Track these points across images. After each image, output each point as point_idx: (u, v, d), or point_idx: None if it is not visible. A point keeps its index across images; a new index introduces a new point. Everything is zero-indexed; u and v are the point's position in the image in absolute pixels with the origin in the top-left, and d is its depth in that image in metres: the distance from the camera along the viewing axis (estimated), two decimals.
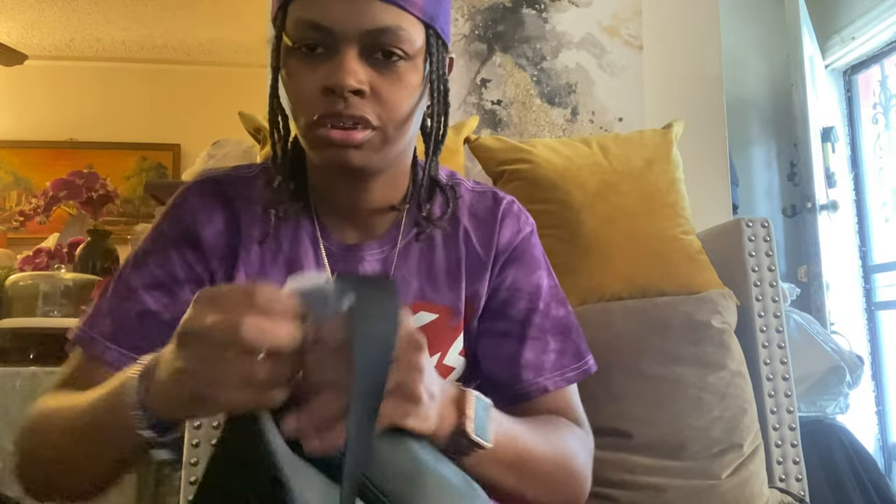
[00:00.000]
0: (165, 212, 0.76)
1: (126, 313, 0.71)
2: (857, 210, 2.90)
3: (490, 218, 0.79)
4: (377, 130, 0.67)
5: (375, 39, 0.64)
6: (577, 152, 1.37)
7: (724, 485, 1.11)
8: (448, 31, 0.73)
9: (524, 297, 0.79)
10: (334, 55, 0.64)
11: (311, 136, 0.67)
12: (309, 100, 0.66)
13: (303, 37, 0.65)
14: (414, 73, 0.68)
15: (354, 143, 0.66)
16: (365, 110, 0.65)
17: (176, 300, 0.72)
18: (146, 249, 0.75)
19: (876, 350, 2.77)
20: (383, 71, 0.66)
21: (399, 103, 0.67)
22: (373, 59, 0.65)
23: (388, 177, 0.74)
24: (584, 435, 0.76)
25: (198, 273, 0.74)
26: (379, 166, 0.70)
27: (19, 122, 4.12)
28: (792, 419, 1.23)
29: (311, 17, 0.64)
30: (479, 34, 1.77)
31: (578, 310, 1.23)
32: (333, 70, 0.63)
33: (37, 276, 1.92)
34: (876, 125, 2.87)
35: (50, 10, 3.65)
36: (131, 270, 0.73)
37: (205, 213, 0.75)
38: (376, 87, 0.65)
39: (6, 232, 3.74)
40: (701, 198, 1.61)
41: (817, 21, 2.79)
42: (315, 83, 0.65)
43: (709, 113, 1.87)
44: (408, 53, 0.66)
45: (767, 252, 1.30)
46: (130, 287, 0.72)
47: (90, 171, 2.15)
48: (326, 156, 0.68)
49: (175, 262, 0.73)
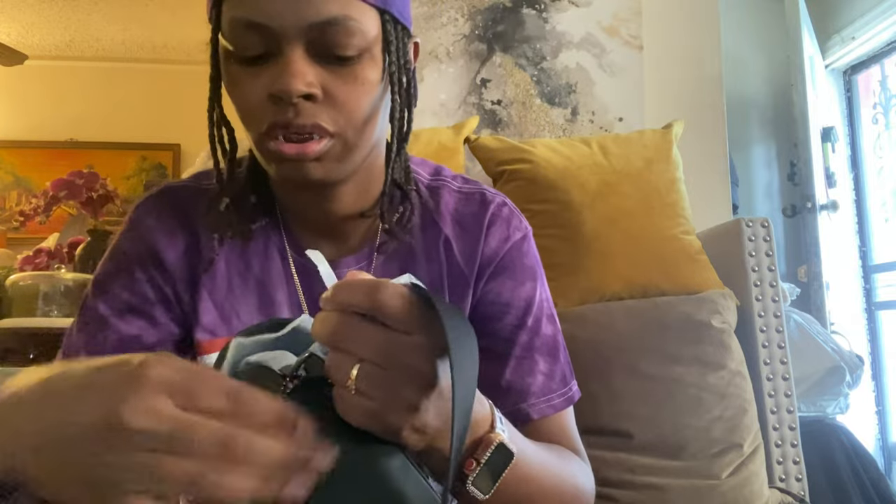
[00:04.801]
0: (123, 232, 0.70)
1: (101, 344, 0.65)
2: (857, 210, 2.89)
3: (475, 225, 0.71)
4: (335, 138, 0.59)
5: (322, 34, 0.56)
6: (577, 152, 1.37)
7: (724, 485, 1.11)
8: (408, 14, 0.64)
9: (511, 312, 0.70)
10: (278, 57, 0.57)
11: (263, 149, 0.60)
12: (255, 110, 0.58)
13: (240, 39, 0.57)
14: (372, 68, 0.60)
15: (311, 157, 0.58)
16: (319, 117, 0.58)
17: (154, 322, 0.67)
18: (108, 273, 0.68)
19: (876, 350, 2.76)
20: (336, 69, 0.58)
21: (357, 105, 0.59)
22: (323, 58, 0.57)
23: (357, 183, 0.67)
24: (585, 465, 0.69)
25: (166, 294, 0.67)
26: (343, 176, 0.63)
27: (19, 122, 4.11)
28: (792, 419, 1.23)
29: (245, 16, 0.56)
30: (479, 34, 1.77)
31: (578, 310, 1.23)
32: (278, 74, 0.56)
33: (37, 276, 1.92)
34: (876, 125, 2.87)
35: (50, 10, 3.65)
36: (97, 299, 0.67)
37: (164, 234, 0.68)
38: (329, 90, 0.58)
39: (6, 232, 3.74)
40: (701, 198, 1.61)
41: (817, 21, 2.79)
42: (259, 91, 0.57)
43: (709, 113, 1.87)
44: (361, 46, 0.58)
45: (767, 252, 1.30)
46: (100, 316, 0.66)
47: (90, 171, 2.15)
48: (282, 171, 0.61)
49: (143, 282, 0.67)
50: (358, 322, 0.41)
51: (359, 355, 0.40)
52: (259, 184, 0.70)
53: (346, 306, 0.41)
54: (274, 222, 0.70)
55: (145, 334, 0.66)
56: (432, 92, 1.74)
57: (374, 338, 0.40)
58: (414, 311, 0.41)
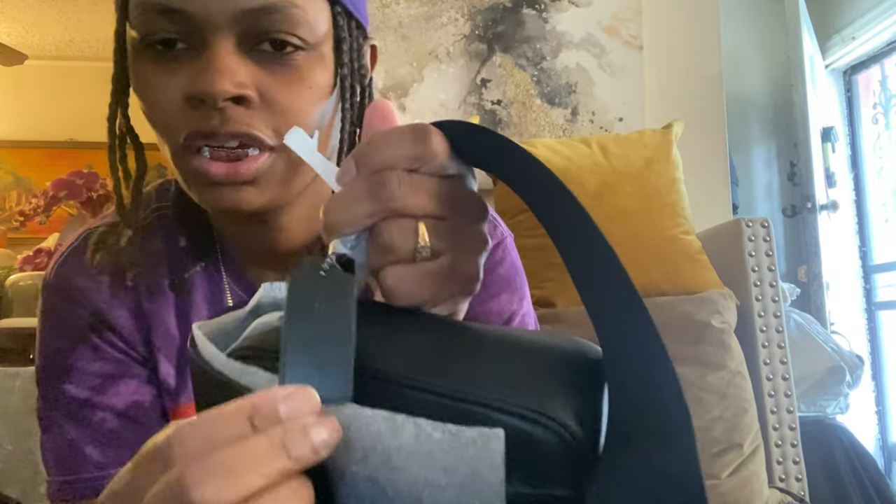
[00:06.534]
0: (53, 305, 0.57)
1: (100, 427, 0.55)
2: (857, 210, 2.89)
3: None
4: (276, 153, 0.48)
5: (257, 23, 0.45)
6: (577, 152, 1.37)
7: (724, 484, 1.11)
8: (364, 10, 0.54)
9: None
10: (201, 50, 0.46)
11: (182, 168, 0.48)
12: (170, 116, 0.47)
13: (152, 27, 0.46)
14: (320, 68, 0.49)
15: (245, 178, 0.47)
16: (253, 125, 0.46)
17: (140, 377, 0.57)
18: (61, 352, 0.56)
19: (876, 350, 2.76)
20: (275, 68, 0.47)
21: (302, 110, 0.48)
22: (258, 52, 0.47)
23: (306, 207, 0.55)
24: None
25: (132, 354, 0.57)
26: (287, 201, 0.51)
27: (19, 122, 4.12)
28: (792, 419, 1.23)
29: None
30: (479, 34, 1.77)
31: (579, 310, 1.23)
32: (199, 72, 0.45)
33: (37, 276, 1.92)
34: (876, 125, 2.87)
35: (50, 10, 3.65)
36: (63, 384, 0.55)
37: (99, 295, 0.56)
38: (267, 91, 0.47)
39: (6, 232, 3.74)
40: (701, 198, 1.61)
41: (817, 21, 2.79)
42: (175, 91, 0.46)
43: (709, 113, 1.87)
44: (307, 41, 0.47)
45: (767, 252, 1.30)
46: (79, 400, 0.55)
47: (90, 171, 2.15)
48: (207, 197, 0.48)
49: (105, 348, 0.56)
50: (405, 175, 0.32)
51: (421, 212, 0.32)
52: (189, 212, 0.57)
53: (391, 161, 0.31)
54: (213, 263, 0.59)
55: (140, 395, 0.56)
56: (432, 92, 1.74)
57: (432, 187, 0.32)
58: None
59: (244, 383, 0.28)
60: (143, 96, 0.49)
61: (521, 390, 0.26)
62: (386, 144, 0.32)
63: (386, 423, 0.25)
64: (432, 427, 0.25)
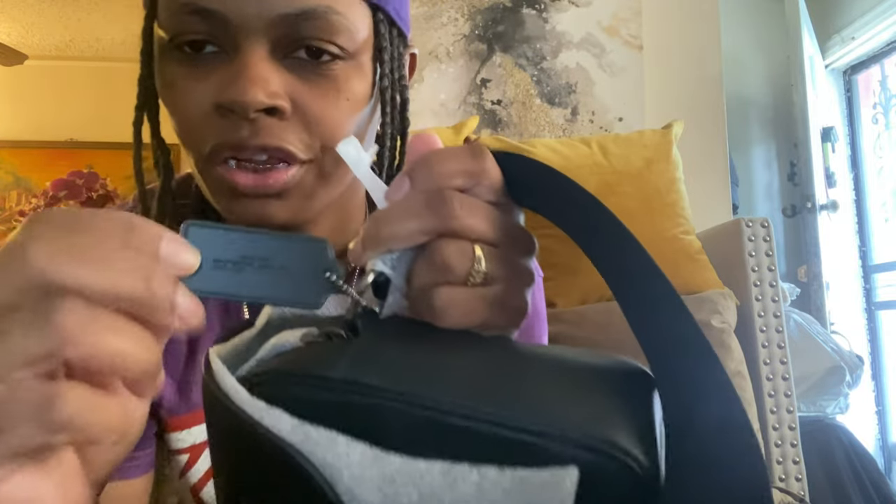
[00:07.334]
0: None
1: None
2: (857, 210, 2.90)
3: None
4: (307, 165, 0.46)
5: (294, 29, 0.43)
6: (577, 152, 1.37)
7: None
8: (406, 16, 0.52)
9: None
10: (232, 55, 0.43)
11: (207, 177, 0.46)
12: (196, 123, 0.45)
13: (183, 28, 0.43)
14: (357, 78, 0.47)
15: (273, 191, 0.45)
16: (285, 138, 0.44)
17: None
18: None
19: (876, 350, 2.76)
20: (311, 78, 0.45)
21: (338, 122, 0.45)
22: (292, 60, 0.44)
23: (331, 220, 0.53)
24: None
25: None
26: (313, 215, 0.49)
27: (19, 122, 4.12)
28: (792, 419, 1.23)
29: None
30: (479, 34, 1.77)
31: (578, 310, 1.23)
32: (230, 78, 0.43)
33: None
34: (876, 125, 2.87)
35: (50, 10, 3.65)
36: None
37: None
38: (301, 102, 0.44)
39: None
40: (701, 198, 1.61)
41: (817, 21, 2.79)
42: (204, 98, 0.44)
43: (709, 113, 1.87)
44: (345, 49, 0.45)
45: (767, 252, 1.30)
46: None
47: (90, 171, 2.15)
48: (232, 209, 0.46)
49: None
50: (464, 196, 0.31)
51: (477, 235, 0.31)
52: (208, 217, 0.54)
53: (449, 177, 0.31)
54: None
55: None
56: (432, 92, 1.74)
57: (489, 213, 0.32)
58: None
59: (266, 425, 0.24)
60: (169, 100, 0.47)
61: (583, 418, 0.23)
62: (443, 160, 0.31)
63: (443, 478, 0.22)
64: (498, 474, 0.22)
